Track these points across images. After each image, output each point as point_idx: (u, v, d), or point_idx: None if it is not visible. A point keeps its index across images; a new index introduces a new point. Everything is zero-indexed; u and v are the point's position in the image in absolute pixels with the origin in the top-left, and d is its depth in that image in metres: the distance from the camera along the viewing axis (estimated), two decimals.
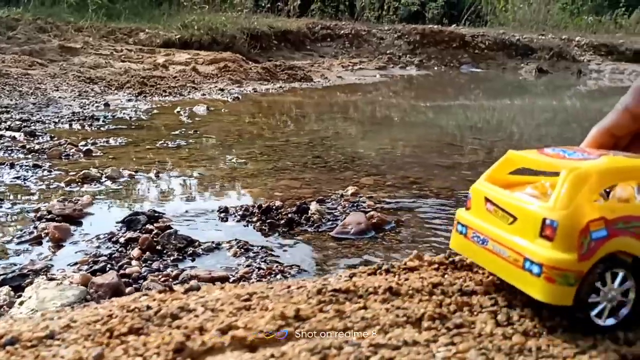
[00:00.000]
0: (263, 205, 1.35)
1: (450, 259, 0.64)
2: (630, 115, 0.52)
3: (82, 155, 1.87)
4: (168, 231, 1.17)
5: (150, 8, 6.66)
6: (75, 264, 1.04)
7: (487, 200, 0.49)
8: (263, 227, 1.28)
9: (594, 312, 0.44)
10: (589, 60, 6.80)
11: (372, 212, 1.33)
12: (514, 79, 6.42)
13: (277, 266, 1.07)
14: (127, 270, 1.01)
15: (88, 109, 2.83)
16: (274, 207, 1.35)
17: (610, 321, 0.45)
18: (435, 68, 6.72)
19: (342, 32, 7.07)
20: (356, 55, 6.73)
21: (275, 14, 8.23)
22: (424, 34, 6.88)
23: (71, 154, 1.87)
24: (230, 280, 0.99)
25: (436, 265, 0.65)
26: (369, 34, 7.06)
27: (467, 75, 6.56)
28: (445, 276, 0.60)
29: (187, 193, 1.57)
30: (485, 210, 0.49)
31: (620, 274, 0.44)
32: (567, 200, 0.43)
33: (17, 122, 2.31)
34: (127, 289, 0.92)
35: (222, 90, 3.84)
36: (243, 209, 1.37)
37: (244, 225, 1.30)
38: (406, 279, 0.59)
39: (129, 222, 1.24)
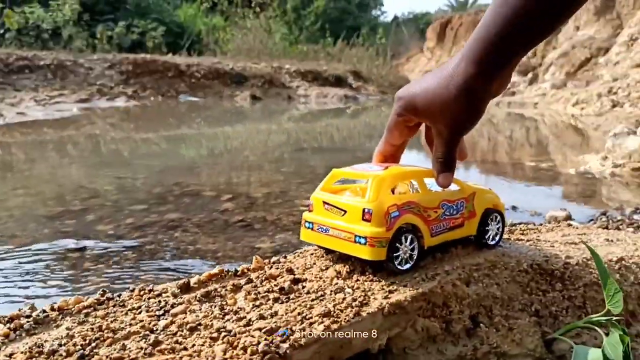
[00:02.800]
0: None
1: None
2: (389, 145, 0.72)
3: None
4: None
5: None
6: None
7: (325, 203, 0.67)
8: None
9: (397, 262, 0.63)
10: (297, 86, 7.38)
11: None
12: (232, 106, 6.57)
13: None
14: None
15: None
16: None
17: (407, 266, 0.64)
18: (152, 98, 6.47)
19: (43, 62, 6.34)
20: (61, 88, 6.09)
21: None
22: (136, 63, 6.58)
23: None
24: None
25: None
26: (76, 65, 6.47)
27: (186, 104, 6.49)
28: None
29: None
30: (324, 210, 0.67)
31: (410, 237, 0.64)
32: (375, 196, 0.63)
33: None
34: None
35: None
36: None
37: None
38: None
39: None
